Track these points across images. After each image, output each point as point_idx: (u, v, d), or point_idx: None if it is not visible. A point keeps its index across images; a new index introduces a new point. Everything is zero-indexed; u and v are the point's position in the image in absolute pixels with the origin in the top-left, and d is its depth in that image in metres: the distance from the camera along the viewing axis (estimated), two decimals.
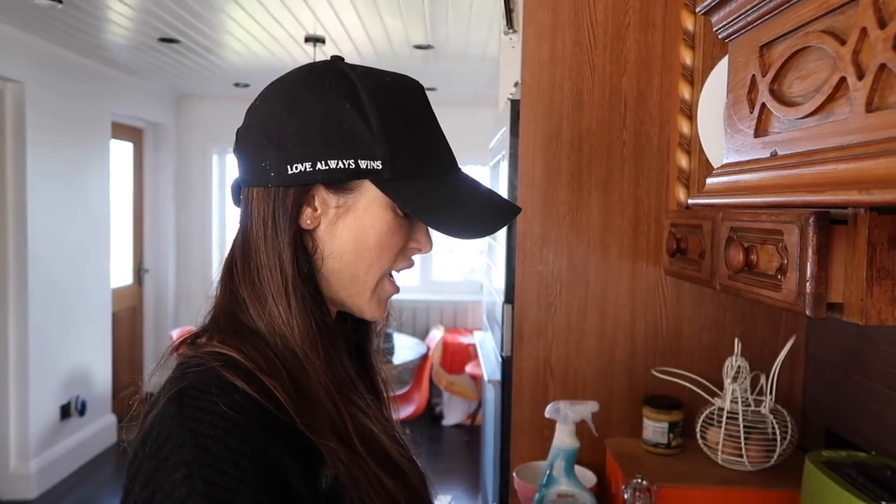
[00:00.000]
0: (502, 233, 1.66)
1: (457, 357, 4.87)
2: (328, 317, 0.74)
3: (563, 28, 1.55)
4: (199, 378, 0.63)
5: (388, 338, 3.62)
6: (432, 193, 0.71)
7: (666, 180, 1.57)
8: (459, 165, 0.77)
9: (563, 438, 1.39)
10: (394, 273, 0.79)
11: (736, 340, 1.44)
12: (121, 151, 4.99)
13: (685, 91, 1.46)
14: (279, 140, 0.70)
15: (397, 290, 0.79)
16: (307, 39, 3.60)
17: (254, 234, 0.72)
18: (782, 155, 0.60)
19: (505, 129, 1.67)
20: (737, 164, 0.71)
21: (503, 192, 1.66)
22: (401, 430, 0.88)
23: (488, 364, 1.92)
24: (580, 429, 1.41)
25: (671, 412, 1.52)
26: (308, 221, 0.72)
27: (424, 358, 3.93)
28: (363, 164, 0.69)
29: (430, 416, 5.29)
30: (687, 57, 1.44)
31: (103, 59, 4.21)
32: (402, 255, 0.76)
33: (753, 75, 0.69)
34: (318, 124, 0.69)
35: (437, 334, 4.34)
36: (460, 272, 5.89)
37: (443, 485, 4.14)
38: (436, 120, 0.76)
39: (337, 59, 0.76)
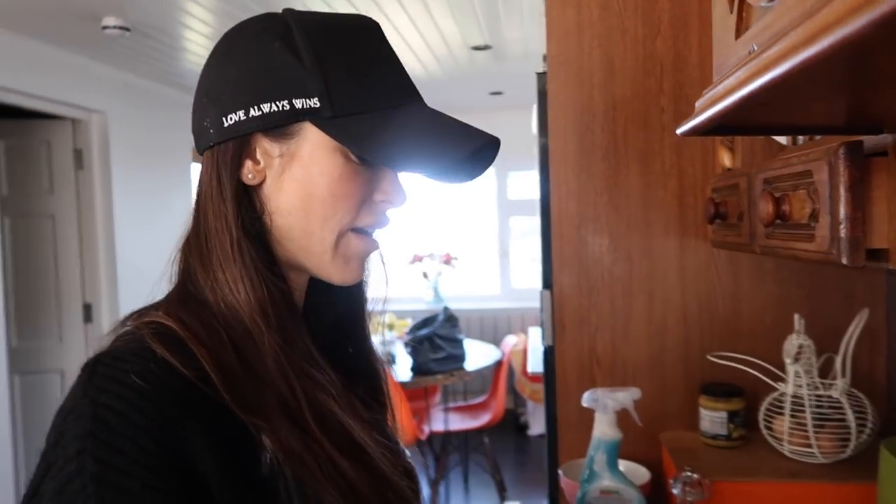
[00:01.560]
0: (534, 209, 1.57)
1: None
2: (283, 282, 0.66)
3: None
4: (120, 346, 0.59)
5: (459, 344, 3.56)
6: (382, 128, 0.62)
7: (711, 146, 1.43)
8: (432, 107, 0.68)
9: (603, 429, 1.28)
10: (367, 232, 0.70)
11: (796, 316, 1.28)
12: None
13: None
14: (215, 93, 0.65)
15: (373, 246, 0.70)
16: None
17: (202, 198, 0.67)
18: (759, 49, 0.51)
19: (534, 108, 1.59)
20: (719, 78, 0.61)
21: (531, 171, 1.58)
22: (391, 420, 0.81)
23: (534, 356, 1.82)
24: (625, 419, 1.29)
25: (730, 400, 1.37)
26: (250, 176, 0.65)
27: (499, 365, 3.84)
28: (298, 103, 0.62)
29: (514, 425, 5.17)
30: None
31: (181, 86, 4.42)
32: (368, 209, 0.67)
33: None
34: (248, 69, 0.64)
35: (513, 340, 4.24)
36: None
37: (527, 496, 4.02)
38: (390, 54, 0.68)
39: (286, 9, 0.69)
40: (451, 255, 5.50)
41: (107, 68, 3.89)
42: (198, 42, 3.40)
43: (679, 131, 0.68)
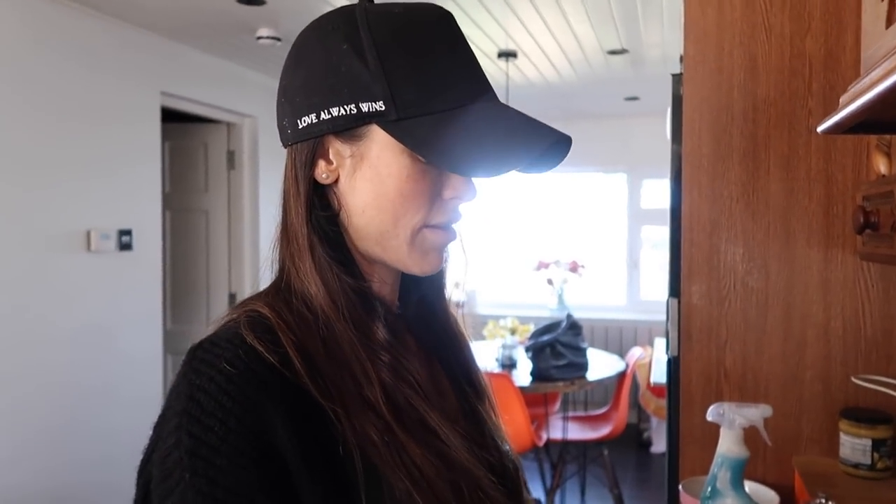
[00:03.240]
0: (667, 218, 1.52)
1: None
2: (356, 277, 0.68)
3: None
4: (219, 332, 0.63)
5: (582, 352, 3.49)
6: (446, 129, 0.62)
7: (865, 150, 1.33)
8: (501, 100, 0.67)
9: (729, 445, 1.21)
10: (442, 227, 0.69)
11: None
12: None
13: None
14: (291, 95, 0.68)
15: (451, 236, 0.70)
16: (500, 55, 3.67)
17: (286, 195, 0.70)
18: None
19: (668, 111, 1.54)
20: (866, 70, 0.57)
21: (666, 179, 1.53)
22: (493, 415, 0.80)
23: (658, 367, 1.76)
24: (753, 438, 1.22)
25: (876, 427, 1.26)
26: (324, 175, 0.67)
27: (623, 376, 3.73)
28: (365, 106, 0.63)
29: (636, 441, 5.01)
30: None
31: None
32: (438, 206, 0.67)
33: None
34: (319, 71, 0.65)
35: (638, 352, 4.10)
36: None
37: None
38: (459, 47, 0.67)
39: (361, 1, 0.69)
40: (578, 263, 5.42)
41: (258, 75, 4.18)
42: None
43: (820, 129, 0.64)
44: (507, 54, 3.66)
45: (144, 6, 2.99)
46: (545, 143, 0.62)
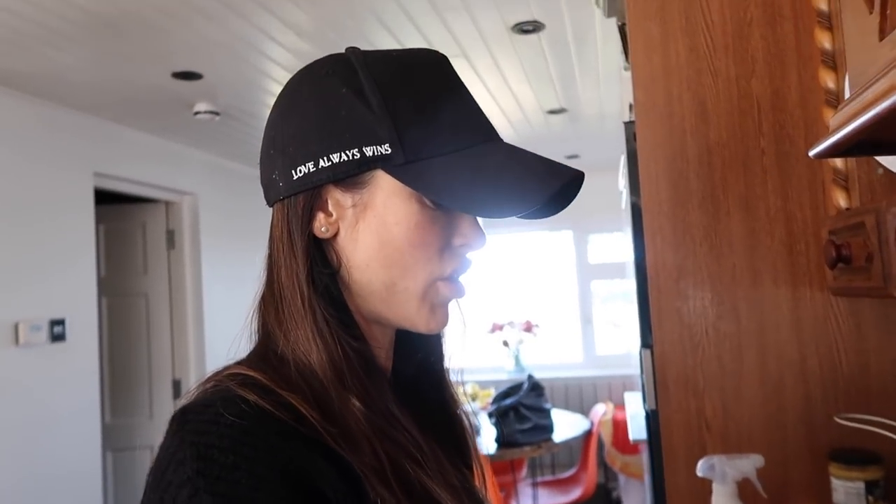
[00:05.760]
0: (631, 268, 1.49)
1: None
2: (360, 341, 0.62)
3: (674, 36, 1.41)
4: (207, 395, 0.56)
5: (546, 414, 3.41)
6: (456, 171, 0.58)
7: (821, 187, 1.33)
8: (509, 143, 0.64)
9: (723, 502, 1.15)
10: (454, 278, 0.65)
11: None
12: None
13: (829, 80, 1.25)
14: (283, 145, 0.63)
15: (460, 291, 0.65)
16: None
17: (274, 254, 0.64)
18: None
19: (623, 159, 1.53)
20: (861, 86, 0.54)
21: (627, 226, 1.50)
22: (480, 484, 0.74)
23: (634, 423, 1.69)
24: (745, 490, 1.16)
25: (867, 468, 1.21)
26: (323, 229, 0.62)
27: (589, 435, 3.65)
28: (369, 150, 0.59)
29: (605, 501, 4.88)
30: (825, 41, 1.25)
31: None
32: (449, 255, 0.63)
33: None
34: (316, 117, 0.61)
35: (602, 409, 4.04)
36: (626, 346, 5.55)
37: None
38: (461, 91, 0.64)
39: (350, 49, 0.66)
40: (532, 323, 5.38)
41: (197, 151, 4.10)
42: None
43: (812, 153, 0.61)
44: None
45: (74, 85, 2.90)
46: (562, 180, 0.59)
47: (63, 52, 2.53)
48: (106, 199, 3.73)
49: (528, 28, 2.55)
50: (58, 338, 3.07)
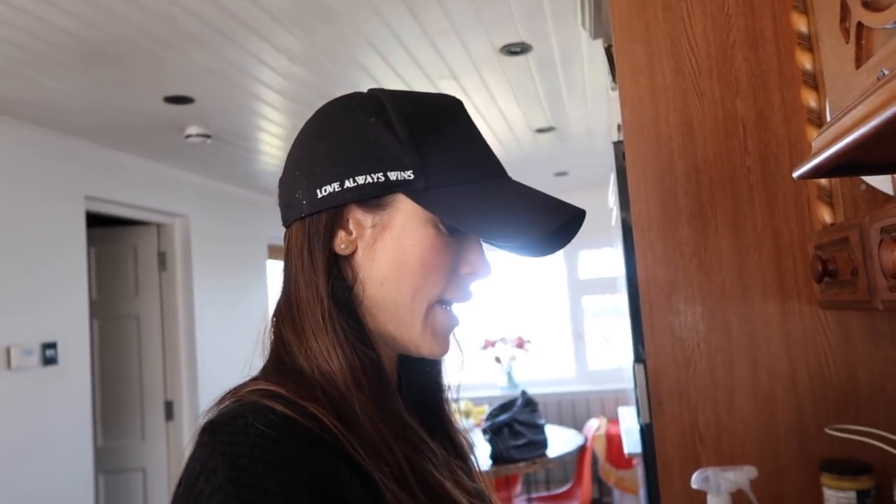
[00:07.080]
0: (623, 284, 1.52)
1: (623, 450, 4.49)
2: (373, 351, 0.66)
3: (660, 58, 1.45)
4: (233, 409, 0.58)
5: (540, 429, 3.42)
6: (471, 198, 0.64)
7: (807, 203, 1.36)
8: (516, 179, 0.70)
9: None
10: (451, 305, 0.70)
11: None
12: (278, 271, 5.35)
13: (811, 99, 1.30)
14: (309, 166, 0.68)
15: (456, 322, 0.71)
16: None
17: (293, 269, 0.68)
18: (892, 73, 0.47)
19: (613, 177, 1.57)
20: (841, 111, 0.57)
21: (618, 242, 1.53)
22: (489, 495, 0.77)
23: (629, 437, 1.71)
24: (740, 501, 1.18)
25: (858, 478, 1.24)
26: (343, 246, 0.67)
27: (583, 450, 3.66)
28: (393, 175, 0.64)
29: None
30: (806, 62, 1.29)
31: (257, 187, 4.62)
32: (455, 282, 0.69)
33: (843, 0, 0.56)
34: (343, 143, 0.66)
35: (596, 424, 4.05)
36: (617, 360, 5.57)
37: None
38: (476, 131, 0.71)
39: (373, 88, 0.73)
40: (524, 339, 5.40)
41: (189, 174, 4.11)
42: (272, 144, 3.56)
43: (796, 174, 0.64)
44: None
45: (66, 110, 2.92)
46: (567, 215, 0.65)
47: (55, 78, 2.54)
48: (97, 222, 3.73)
49: (516, 50, 2.60)
50: (50, 361, 3.05)
